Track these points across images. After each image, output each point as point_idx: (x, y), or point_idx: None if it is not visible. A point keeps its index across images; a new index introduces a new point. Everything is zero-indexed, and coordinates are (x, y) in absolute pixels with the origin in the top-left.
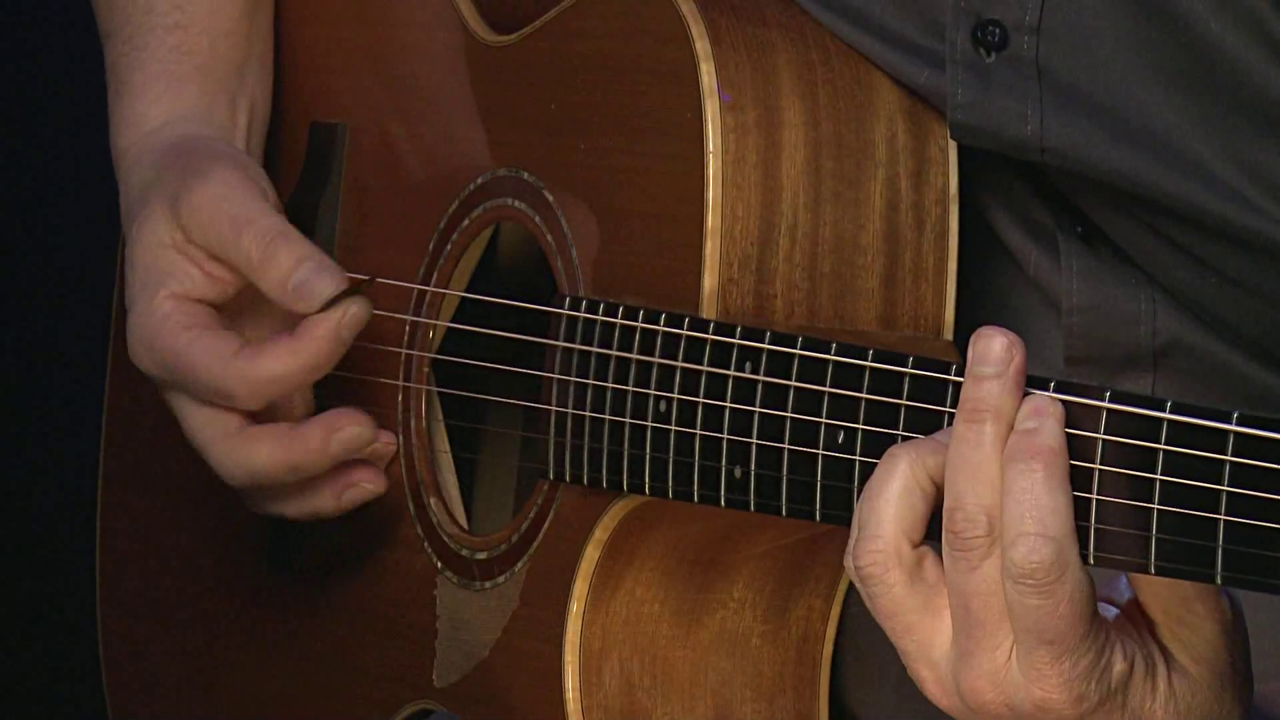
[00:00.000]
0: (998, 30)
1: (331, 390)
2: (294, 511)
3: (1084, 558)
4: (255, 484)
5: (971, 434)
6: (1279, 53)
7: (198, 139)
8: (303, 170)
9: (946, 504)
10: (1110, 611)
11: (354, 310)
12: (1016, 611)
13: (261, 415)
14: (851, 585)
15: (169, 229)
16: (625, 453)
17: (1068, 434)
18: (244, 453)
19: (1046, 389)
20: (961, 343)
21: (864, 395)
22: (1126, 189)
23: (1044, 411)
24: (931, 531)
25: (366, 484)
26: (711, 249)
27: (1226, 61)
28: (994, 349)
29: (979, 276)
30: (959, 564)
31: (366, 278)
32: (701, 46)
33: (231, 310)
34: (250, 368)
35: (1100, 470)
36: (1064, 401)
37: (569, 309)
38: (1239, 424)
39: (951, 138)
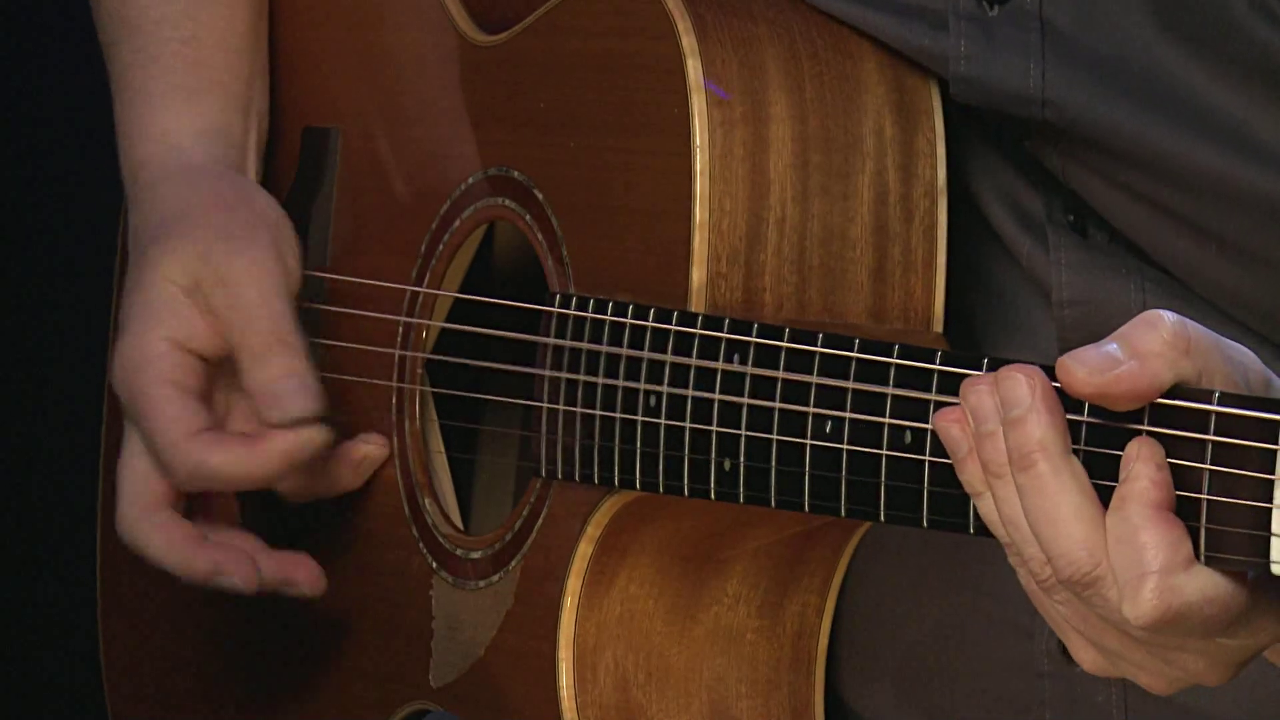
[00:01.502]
0: None
1: (327, 393)
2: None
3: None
4: (133, 550)
5: (1030, 481)
6: (1270, 11)
7: (232, 178)
8: (296, 175)
9: (1047, 556)
10: None
11: (313, 437)
12: (1177, 644)
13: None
14: (848, 578)
15: (186, 274)
16: (616, 448)
17: (1175, 436)
18: (146, 528)
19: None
20: (951, 336)
21: (851, 385)
22: (1126, 149)
23: (1130, 459)
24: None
25: (304, 585)
26: (699, 243)
27: (1228, 19)
28: (1016, 389)
29: (974, 268)
30: (1092, 604)
31: (341, 417)
32: (688, 42)
33: (218, 369)
34: (199, 454)
35: (1210, 471)
36: (1168, 406)
37: (559, 307)
38: None
39: (951, 95)
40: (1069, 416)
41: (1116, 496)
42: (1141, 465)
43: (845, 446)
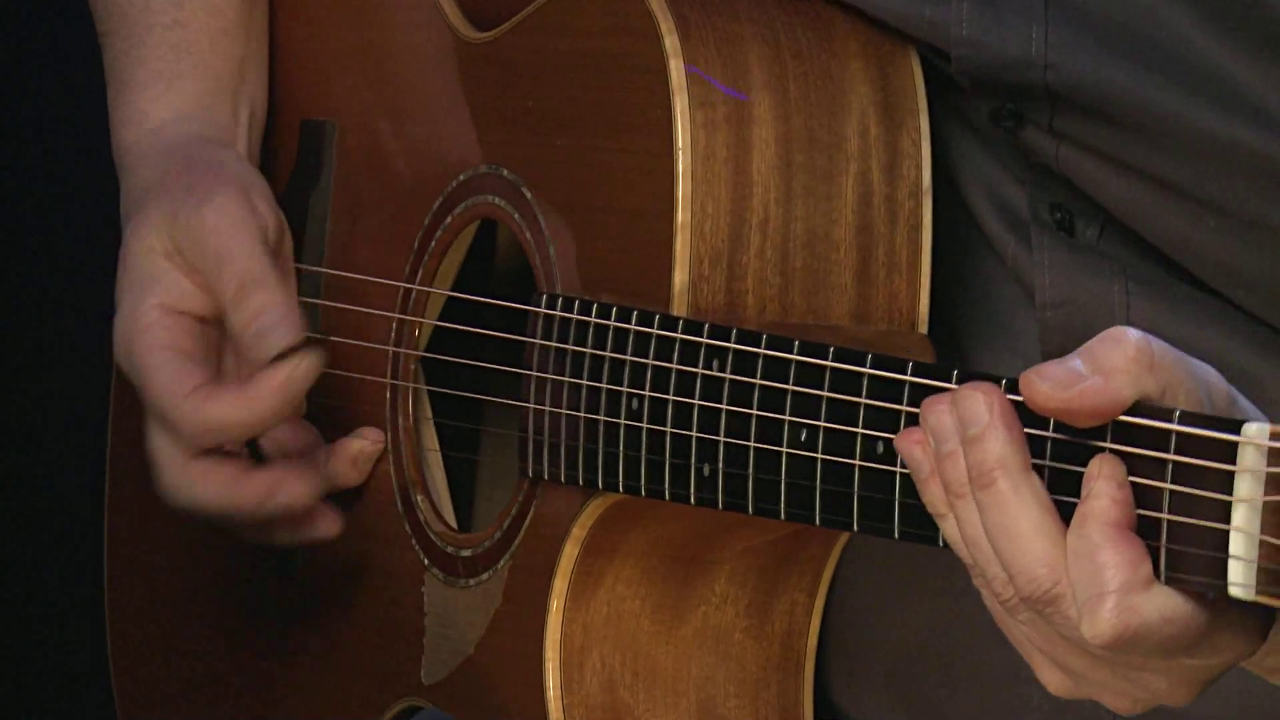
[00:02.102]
0: None
1: (320, 389)
2: (246, 538)
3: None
4: (190, 513)
5: (991, 499)
6: None
7: (204, 145)
8: (294, 168)
9: (1008, 574)
10: None
11: (305, 365)
12: (1135, 663)
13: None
14: (838, 578)
15: (161, 239)
16: (600, 450)
17: (1136, 454)
18: (189, 485)
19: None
20: (935, 331)
21: (825, 394)
22: (1128, 115)
23: (1091, 477)
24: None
25: (323, 528)
26: (681, 245)
27: None
28: (974, 407)
29: (960, 267)
30: (1053, 621)
31: (322, 336)
32: (670, 42)
33: (218, 327)
34: (199, 410)
35: (1170, 490)
36: (1129, 424)
37: (545, 307)
38: None
39: (954, 68)
40: (1031, 431)
41: (1078, 514)
42: (1103, 483)
43: (820, 455)
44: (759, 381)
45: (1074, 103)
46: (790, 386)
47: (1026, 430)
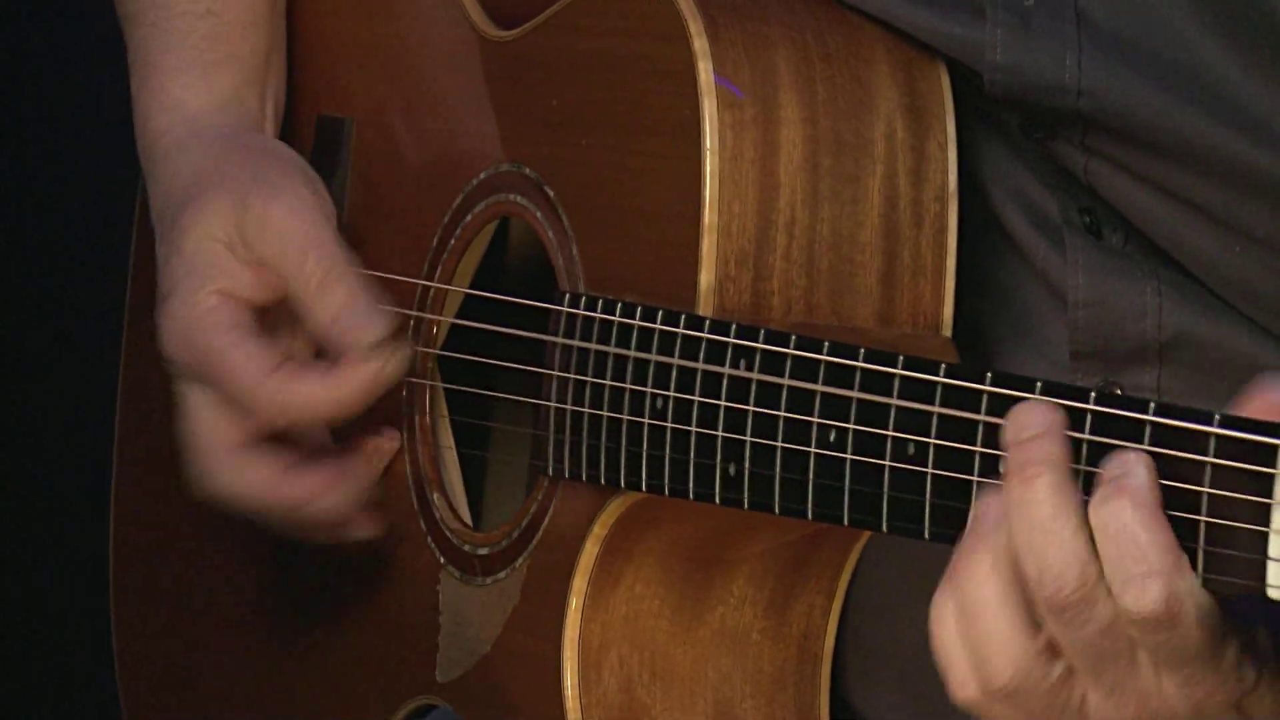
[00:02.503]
0: None
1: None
2: (282, 533)
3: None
4: (221, 504)
5: (1030, 493)
6: None
7: (255, 135)
8: (310, 164)
9: (1030, 575)
10: None
11: (399, 358)
12: (1150, 647)
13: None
14: (853, 582)
15: (226, 226)
16: (623, 449)
17: (1174, 456)
18: (231, 473)
19: (1147, 411)
20: (961, 333)
21: (855, 394)
22: (1159, 140)
23: (1128, 462)
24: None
25: (361, 529)
26: (708, 246)
27: (1269, 10)
28: (1033, 415)
29: (987, 269)
30: (1070, 625)
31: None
32: (699, 43)
33: (272, 317)
34: (284, 388)
35: (1209, 494)
36: (1168, 426)
37: (567, 306)
38: None
39: (987, 90)
40: (1070, 434)
41: (1108, 489)
42: (1136, 464)
43: (849, 456)
44: (787, 382)
45: (1106, 126)
46: (819, 387)
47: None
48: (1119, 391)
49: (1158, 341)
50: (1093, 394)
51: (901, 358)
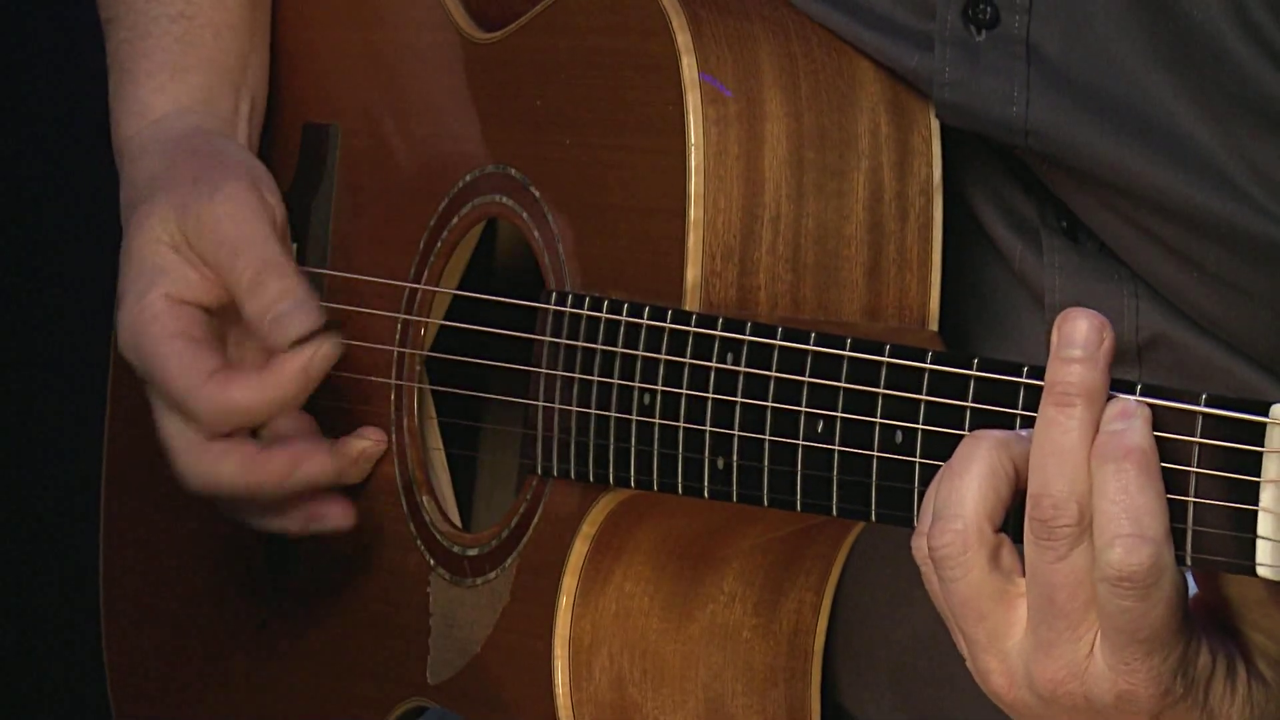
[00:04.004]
0: (989, 8)
1: (325, 390)
2: (257, 524)
3: (1180, 559)
4: (213, 496)
5: (1062, 417)
6: (1264, 44)
7: (206, 136)
8: (296, 171)
9: (1032, 490)
10: None
11: (324, 350)
12: (1109, 611)
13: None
14: (843, 578)
15: (169, 229)
16: (611, 446)
17: (1161, 437)
18: (207, 466)
19: (1133, 393)
20: (946, 334)
21: (842, 384)
22: (1109, 178)
23: (1131, 413)
24: (1005, 526)
25: (335, 519)
26: (694, 241)
27: (1219, 50)
28: (1081, 330)
29: (966, 270)
30: (1045, 553)
31: (338, 321)
32: (682, 39)
33: (223, 316)
34: (218, 394)
35: (1196, 473)
36: (1155, 406)
37: (554, 304)
38: None
39: (937, 118)
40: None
41: (1110, 444)
42: (1139, 420)
43: (836, 447)
44: (774, 374)
45: (1055, 162)
46: (806, 378)
47: None
48: None
49: (1135, 344)
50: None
51: (888, 346)
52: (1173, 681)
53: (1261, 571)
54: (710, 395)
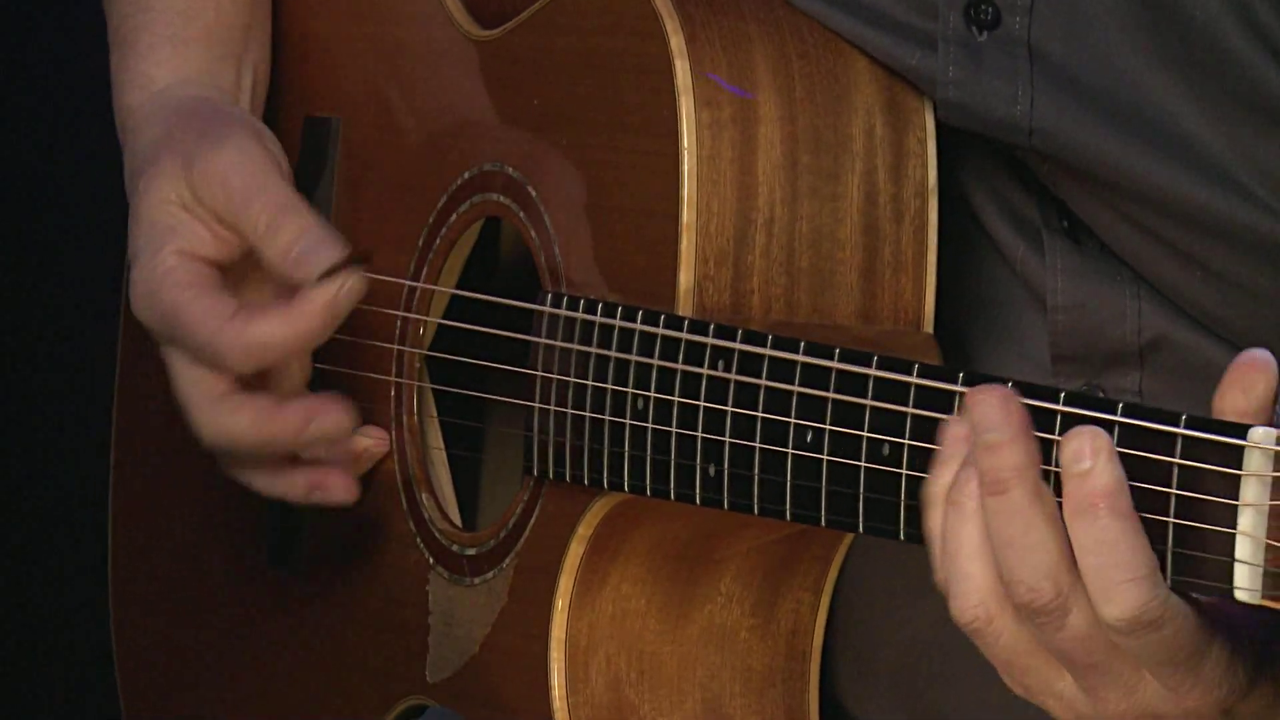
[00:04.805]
0: (990, 9)
1: (324, 387)
2: (260, 486)
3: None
4: (229, 449)
5: (1002, 505)
6: (1267, 44)
7: (209, 101)
8: (296, 165)
9: (1004, 578)
10: None
11: (351, 284)
12: (1136, 652)
13: (253, 383)
14: (841, 578)
15: (178, 187)
16: (605, 450)
17: (1140, 458)
18: (225, 418)
19: (1114, 412)
20: (941, 335)
21: (831, 395)
22: (1112, 178)
23: (1086, 453)
24: None
25: (338, 492)
26: (687, 245)
27: (1222, 50)
28: (992, 413)
29: (966, 271)
30: (1043, 630)
31: (364, 252)
32: (676, 42)
33: (235, 273)
34: (244, 331)
35: (1176, 495)
36: (1134, 426)
37: (550, 306)
38: None
39: (939, 118)
40: (1042, 435)
41: (1079, 497)
42: (1103, 462)
43: (825, 457)
44: (764, 383)
45: (1060, 162)
46: (796, 388)
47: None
48: (1102, 394)
49: (1138, 345)
50: (1062, 394)
51: (876, 358)
52: (1234, 678)
53: (1240, 595)
54: (701, 403)
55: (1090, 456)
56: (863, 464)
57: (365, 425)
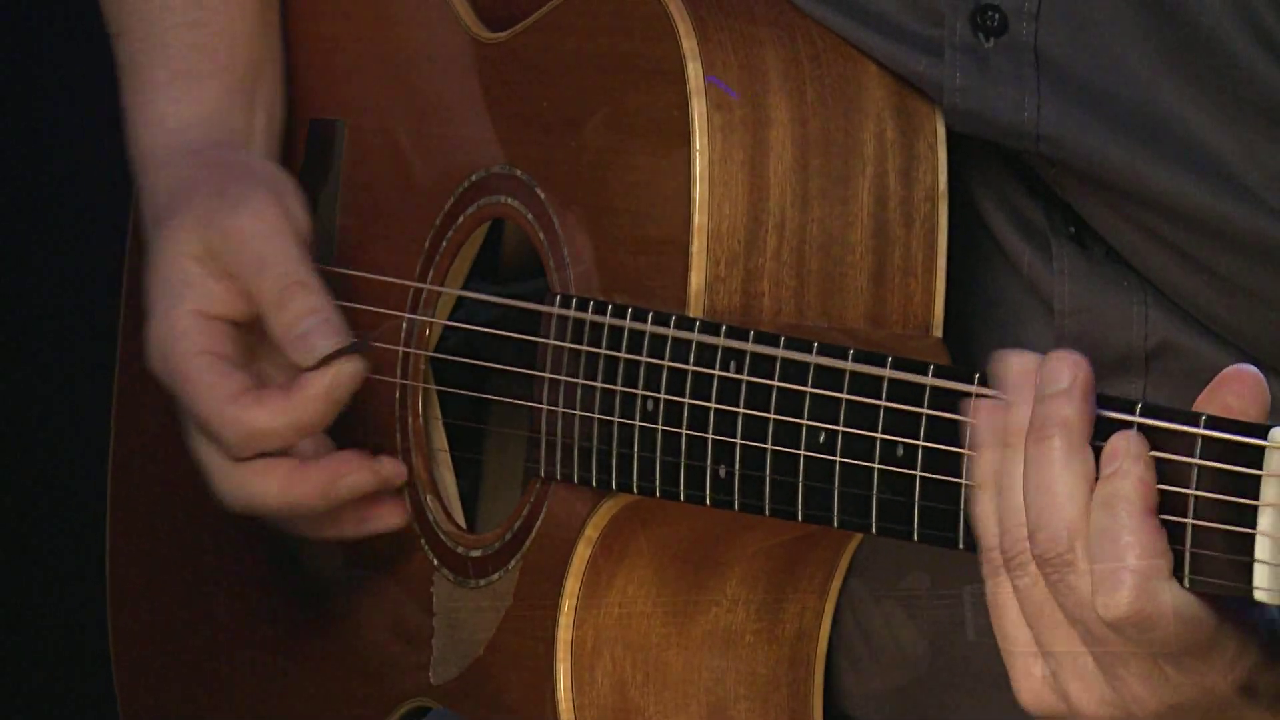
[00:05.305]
0: (997, 15)
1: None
2: (311, 535)
3: (1178, 581)
4: (252, 514)
5: (1041, 452)
6: (1273, 48)
7: (225, 147)
8: (302, 167)
9: (1029, 528)
10: None
11: (347, 370)
12: (1142, 644)
13: None
14: (847, 583)
15: (193, 242)
16: (614, 451)
17: (1160, 458)
18: (247, 487)
19: (1134, 412)
20: (948, 340)
21: (844, 396)
22: (1120, 183)
23: (1119, 454)
24: None
25: (389, 519)
26: (698, 247)
27: (1228, 55)
28: (1062, 370)
29: (973, 276)
30: (1057, 589)
31: (364, 338)
32: (688, 44)
33: (253, 329)
34: (243, 416)
35: (1195, 496)
36: (1154, 427)
37: (558, 307)
38: None
39: (947, 124)
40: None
41: (1104, 491)
42: (1130, 463)
43: (838, 459)
44: (777, 384)
45: (1068, 168)
46: (808, 389)
47: None
48: None
49: (1144, 351)
50: (1202, 417)
51: (890, 359)
52: (1249, 659)
53: (1259, 595)
54: (713, 404)
55: (1117, 459)
56: (876, 465)
57: (369, 426)
